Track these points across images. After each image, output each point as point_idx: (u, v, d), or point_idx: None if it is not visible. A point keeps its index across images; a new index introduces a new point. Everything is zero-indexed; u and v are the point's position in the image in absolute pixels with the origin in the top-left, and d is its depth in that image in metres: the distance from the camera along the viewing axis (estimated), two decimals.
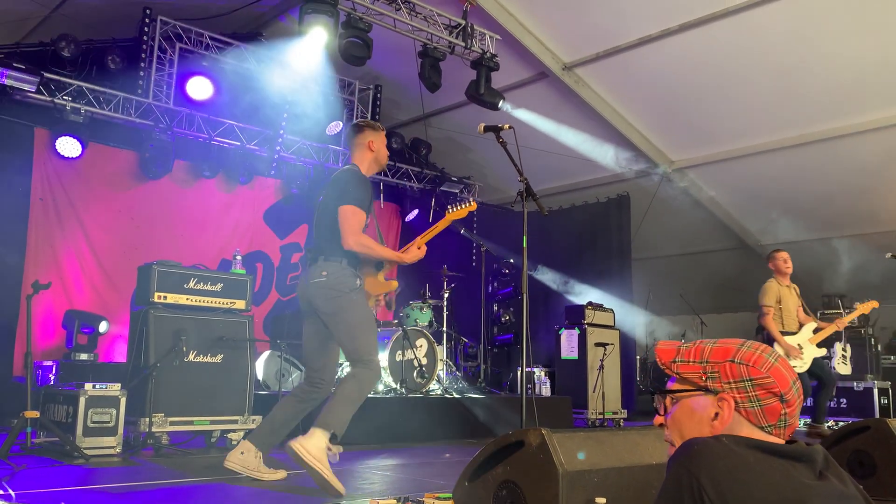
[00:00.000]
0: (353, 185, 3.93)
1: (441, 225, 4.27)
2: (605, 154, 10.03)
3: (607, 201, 11.23)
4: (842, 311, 9.99)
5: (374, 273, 4.11)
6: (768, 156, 9.52)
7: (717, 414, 1.39)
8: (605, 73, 9.04)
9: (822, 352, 6.76)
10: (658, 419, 1.51)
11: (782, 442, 1.36)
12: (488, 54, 8.02)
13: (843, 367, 8.63)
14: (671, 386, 1.47)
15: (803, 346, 6.69)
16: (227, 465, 3.97)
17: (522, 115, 9.07)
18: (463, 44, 7.87)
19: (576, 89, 9.17)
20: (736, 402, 1.38)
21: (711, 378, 1.41)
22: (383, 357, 6.81)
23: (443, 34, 7.78)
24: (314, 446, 3.63)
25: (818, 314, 10.40)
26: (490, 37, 8.19)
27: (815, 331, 6.84)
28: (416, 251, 4.06)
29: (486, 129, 4.18)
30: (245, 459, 3.97)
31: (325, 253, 3.94)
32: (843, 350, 8.74)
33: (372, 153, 4.11)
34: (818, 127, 8.85)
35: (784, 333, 6.74)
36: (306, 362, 4.10)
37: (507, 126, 4.11)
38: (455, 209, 4.34)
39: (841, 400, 8.61)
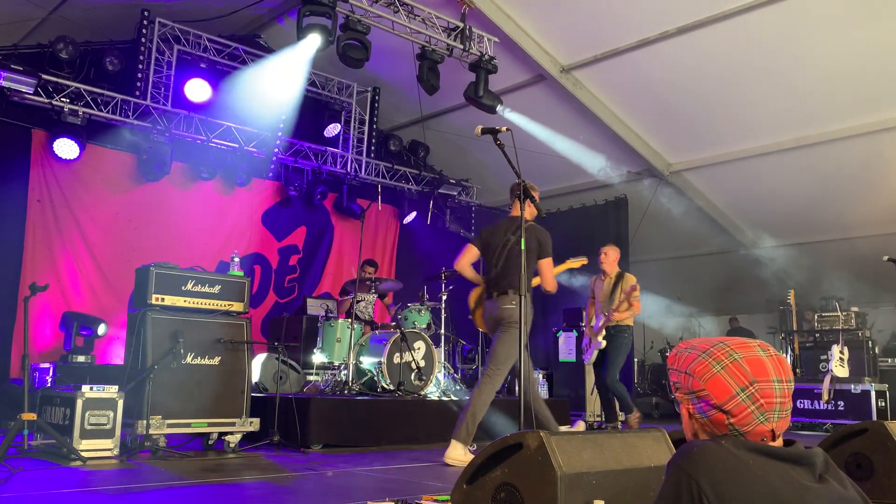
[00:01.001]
0: (550, 242, 5.21)
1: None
2: (594, 162, 10.06)
3: (605, 204, 11.24)
4: (839, 313, 10.01)
5: None
6: (765, 159, 9.55)
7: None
8: (602, 76, 9.06)
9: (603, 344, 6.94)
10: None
11: (778, 444, 1.36)
12: (486, 57, 8.03)
13: (840, 370, 8.63)
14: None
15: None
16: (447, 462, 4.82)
17: (517, 119, 9.08)
18: (461, 46, 7.88)
19: (573, 92, 9.19)
20: (689, 413, 1.40)
21: (678, 388, 1.43)
22: (382, 359, 6.82)
23: (441, 37, 7.79)
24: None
25: (816, 316, 10.42)
26: (488, 39, 8.20)
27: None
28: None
29: (484, 131, 4.18)
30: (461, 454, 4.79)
31: (515, 287, 4.98)
32: (841, 353, 8.74)
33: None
34: (814, 130, 8.87)
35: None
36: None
37: (504, 128, 4.10)
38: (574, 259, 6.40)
39: (838, 402, 8.61)
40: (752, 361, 1.35)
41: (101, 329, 7.41)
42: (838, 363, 8.68)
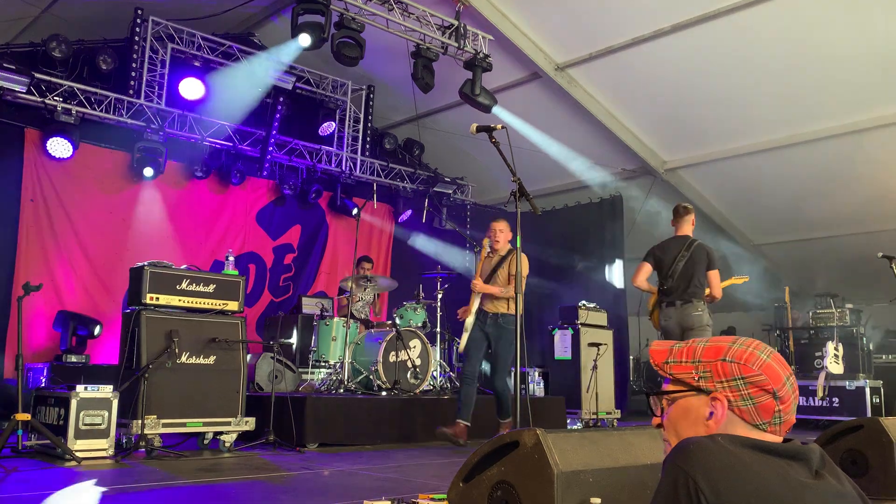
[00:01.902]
0: (715, 255, 5.98)
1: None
2: (587, 161, 10.08)
3: (600, 202, 11.24)
4: (834, 310, 10.03)
5: None
6: (760, 156, 9.56)
7: (711, 413, 1.38)
8: (597, 74, 9.06)
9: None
10: (655, 420, 1.50)
11: (779, 440, 1.35)
12: (481, 55, 8.03)
13: (835, 367, 8.65)
14: (666, 387, 1.47)
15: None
16: None
17: (511, 118, 9.07)
18: (456, 44, 7.87)
19: (568, 90, 9.18)
20: (729, 402, 1.37)
21: (704, 378, 1.40)
22: (378, 357, 6.81)
23: (436, 35, 7.78)
24: None
25: (810, 314, 10.44)
26: (483, 37, 8.19)
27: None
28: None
29: (479, 129, 4.17)
30: None
31: (699, 296, 5.82)
32: (835, 349, 8.77)
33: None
34: (808, 127, 8.89)
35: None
36: None
37: (499, 126, 4.10)
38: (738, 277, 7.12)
39: (833, 399, 8.64)
40: (779, 358, 1.38)
41: (97, 330, 7.40)
42: (833, 360, 8.71)
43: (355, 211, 8.39)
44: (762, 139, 9.33)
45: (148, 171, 8.17)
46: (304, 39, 6.85)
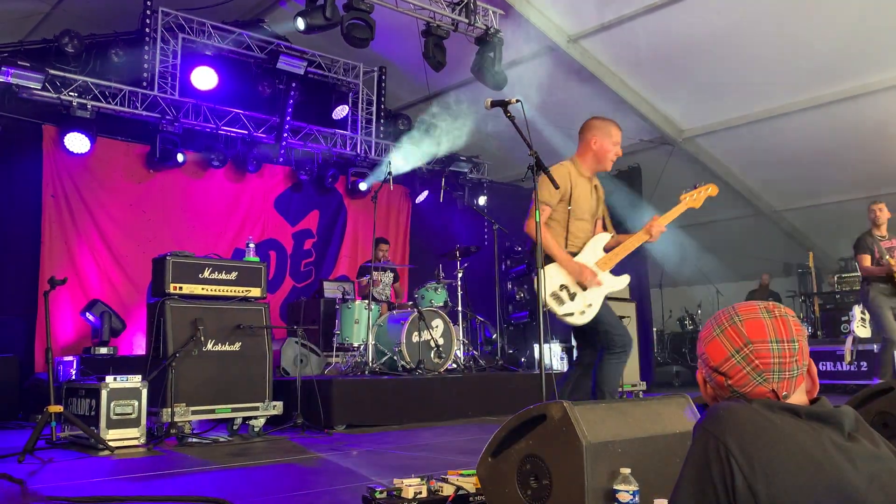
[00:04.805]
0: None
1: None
2: None
3: (618, 173, 11.14)
4: (859, 273, 9.90)
5: None
6: (779, 120, 9.42)
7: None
8: (610, 44, 8.94)
9: (621, 283, 4.38)
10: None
11: (804, 402, 1.35)
12: (492, 30, 7.95)
13: (862, 330, 8.55)
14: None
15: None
16: None
17: (523, 93, 8.98)
18: (466, 20, 7.80)
19: (582, 62, 9.08)
20: (702, 377, 1.47)
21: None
22: (401, 338, 6.84)
23: (445, 12, 7.71)
24: None
25: (836, 278, 10.31)
26: (493, 12, 8.11)
27: (608, 249, 4.31)
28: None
29: (493, 104, 4.12)
30: None
31: None
32: (862, 313, 8.66)
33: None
34: (829, 88, 8.73)
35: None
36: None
37: (514, 100, 4.05)
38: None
39: (861, 363, 8.56)
40: (751, 323, 1.37)
41: (120, 328, 7.58)
42: (860, 324, 8.60)
43: (372, 193, 8.40)
44: (780, 103, 9.18)
45: (180, 157, 8.31)
46: (300, 23, 6.81)
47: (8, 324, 7.25)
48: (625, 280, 4.33)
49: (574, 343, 5.18)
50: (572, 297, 4.11)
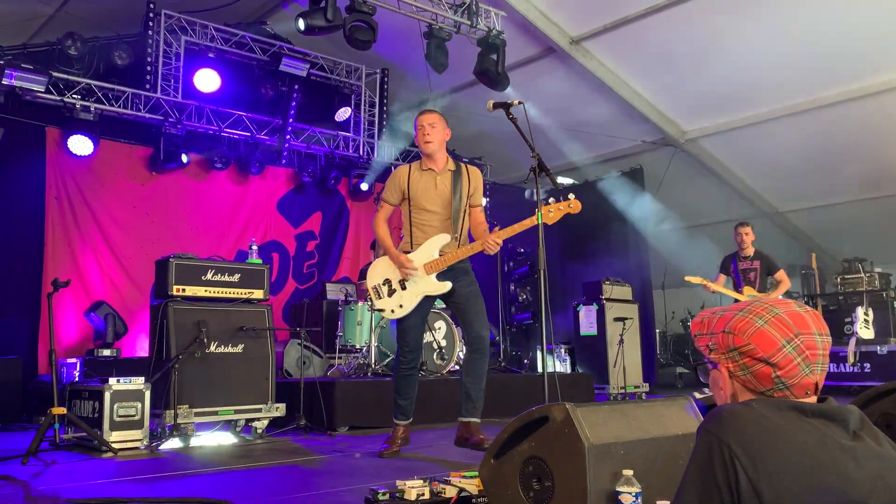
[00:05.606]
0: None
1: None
2: (598, 140, 9.94)
3: (620, 175, 11.15)
4: (862, 274, 9.90)
5: None
6: (781, 121, 9.41)
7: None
8: (613, 46, 8.94)
9: (440, 288, 4.33)
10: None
11: (812, 400, 1.35)
12: (494, 32, 7.95)
13: (865, 332, 8.56)
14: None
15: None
16: None
17: (525, 95, 8.98)
18: (468, 22, 7.80)
19: (584, 63, 9.08)
20: (730, 372, 1.39)
21: (712, 350, 1.43)
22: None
23: (447, 13, 7.71)
24: None
25: (839, 279, 10.30)
26: (495, 14, 8.11)
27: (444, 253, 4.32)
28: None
29: (496, 105, 4.14)
30: None
31: None
32: (865, 314, 8.66)
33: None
34: (832, 90, 8.72)
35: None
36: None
37: (516, 102, 4.06)
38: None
39: (865, 364, 8.54)
40: (793, 315, 1.35)
41: (124, 330, 7.59)
42: (863, 325, 8.61)
43: (374, 195, 8.40)
44: (782, 105, 9.17)
45: (183, 158, 8.31)
46: (300, 23, 6.81)
47: (11, 325, 7.26)
48: (445, 286, 4.38)
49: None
50: (390, 293, 4.44)
